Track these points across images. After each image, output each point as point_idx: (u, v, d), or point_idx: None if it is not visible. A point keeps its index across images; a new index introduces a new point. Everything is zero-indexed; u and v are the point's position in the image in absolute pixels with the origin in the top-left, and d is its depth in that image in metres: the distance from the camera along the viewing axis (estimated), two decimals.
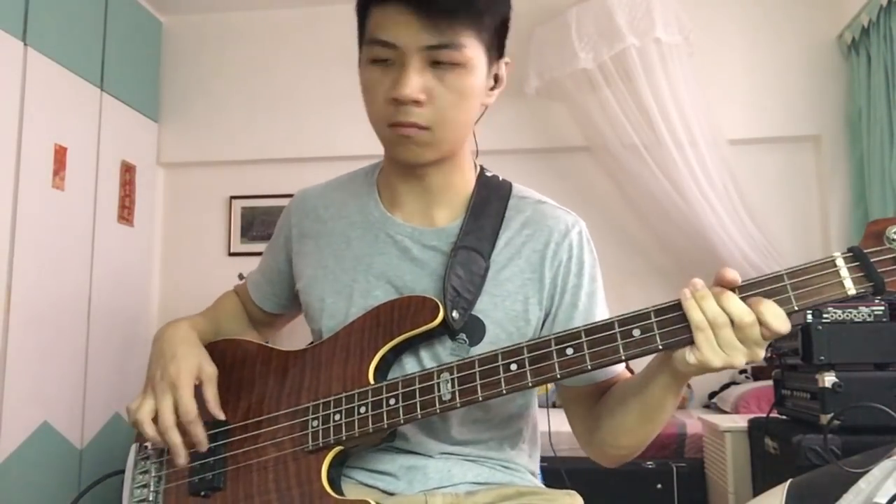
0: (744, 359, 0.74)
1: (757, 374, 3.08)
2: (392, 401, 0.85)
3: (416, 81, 0.84)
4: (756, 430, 2.08)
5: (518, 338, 0.92)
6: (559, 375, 0.79)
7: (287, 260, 1.08)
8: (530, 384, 0.80)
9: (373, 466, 0.94)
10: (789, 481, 1.26)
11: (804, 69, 3.18)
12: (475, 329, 0.91)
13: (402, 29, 0.83)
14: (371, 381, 0.88)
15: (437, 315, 0.87)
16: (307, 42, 3.51)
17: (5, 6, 2.47)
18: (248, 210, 3.52)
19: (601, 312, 0.96)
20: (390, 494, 0.93)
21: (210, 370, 0.95)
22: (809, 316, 1.76)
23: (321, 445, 0.87)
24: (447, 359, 0.90)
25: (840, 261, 0.73)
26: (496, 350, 0.82)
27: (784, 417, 2.03)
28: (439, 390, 0.83)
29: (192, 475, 0.93)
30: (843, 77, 3.15)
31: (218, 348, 1.01)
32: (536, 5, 3.14)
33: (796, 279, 0.73)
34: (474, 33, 0.85)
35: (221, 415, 0.94)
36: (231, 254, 3.53)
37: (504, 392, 0.80)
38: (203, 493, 0.92)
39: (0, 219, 2.43)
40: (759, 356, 0.74)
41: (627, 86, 2.98)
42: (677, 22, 2.90)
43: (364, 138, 1.00)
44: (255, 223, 3.51)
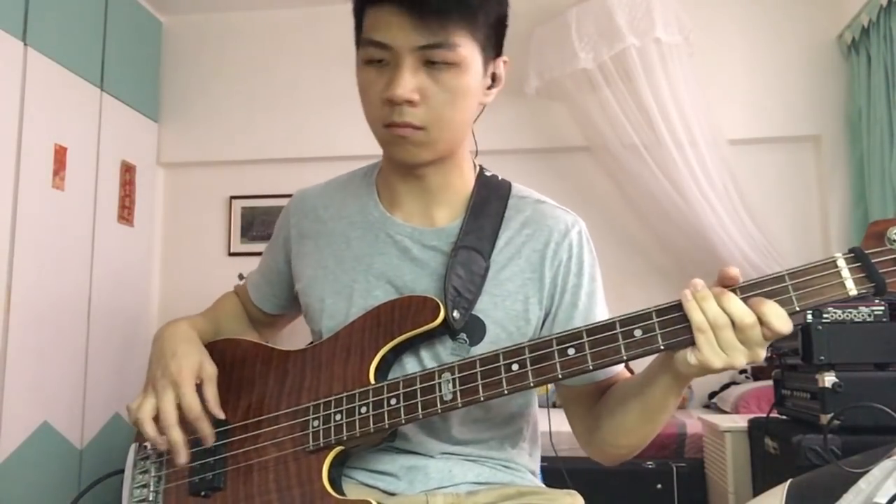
0: (745, 359, 0.74)
1: (757, 374, 3.08)
2: (393, 401, 0.85)
3: (410, 82, 0.84)
4: (756, 430, 2.08)
5: (518, 337, 0.92)
6: (561, 375, 0.79)
7: (286, 260, 1.07)
8: (532, 384, 0.80)
9: (373, 466, 0.94)
10: (789, 481, 1.26)
11: (804, 69, 3.18)
12: (475, 329, 0.91)
13: (396, 29, 0.83)
14: (372, 381, 0.88)
15: (438, 315, 0.87)
16: (307, 42, 3.51)
17: (5, 6, 2.47)
18: (248, 210, 3.52)
19: (601, 312, 0.96)
20: (391, 494, 0.93)
21: (210, 369, 0.95)
22: (809, 316, 1.76)
23: (322, 445, 0.87)
24: (448, 359, 0.90)
25: (841, 261, 0.73)
26: (497, 350, 0.82)
27: (784, 417, 2.03)
28: (441, 390, 0.83)
29: (192, 475, 0.93)
30: (843, 77, 3.14)
31: (218, 348, 1.00)
32: (536, 5, 3.14)
33: (798, 280, 0.73)
34: (468, 32, 0.85)
35: (221, 414, 0.93)
36: (231, 254, 3.53)
37: (506, 392, 0.80)
38: (203, 493, 0.92)
39: (0, 219, 2.43)
40: (760, 357, 0.75)
41: (627, 86, 2.98)
42: (677, 22, 2.90)
43: (364, 138, 0.99)
44: (255, 223, 3.51)
